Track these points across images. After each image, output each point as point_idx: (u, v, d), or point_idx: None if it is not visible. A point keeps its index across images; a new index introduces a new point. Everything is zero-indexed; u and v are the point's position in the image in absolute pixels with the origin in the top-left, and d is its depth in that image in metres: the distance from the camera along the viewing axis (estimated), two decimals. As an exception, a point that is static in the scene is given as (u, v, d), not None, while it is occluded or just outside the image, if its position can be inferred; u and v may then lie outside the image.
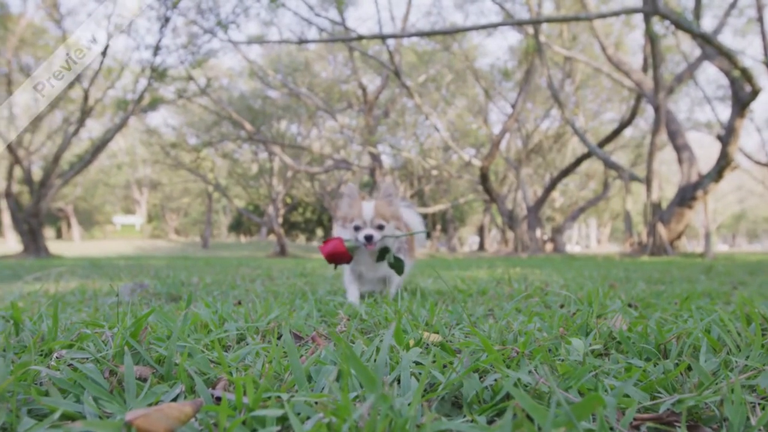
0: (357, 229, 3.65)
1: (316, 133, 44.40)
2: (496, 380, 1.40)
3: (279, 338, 2.13)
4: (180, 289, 4.82)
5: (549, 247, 37.85)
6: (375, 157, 35.76)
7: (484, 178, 30.81)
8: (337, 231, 3.78)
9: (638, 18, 26.45)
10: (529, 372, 1.48)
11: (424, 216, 50.61)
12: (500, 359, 1.52)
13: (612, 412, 1.14)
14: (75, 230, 60.31)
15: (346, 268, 4.01)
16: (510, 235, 40.80)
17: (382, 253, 3.71)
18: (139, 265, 11.86)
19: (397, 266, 3.62)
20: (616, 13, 21.48)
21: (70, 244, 50.92)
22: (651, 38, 20.62)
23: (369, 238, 3.56)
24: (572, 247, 63.83)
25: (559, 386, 1.40)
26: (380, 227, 3.65)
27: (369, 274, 3.93)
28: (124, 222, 66.00)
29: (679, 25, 18.28)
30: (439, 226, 56.98)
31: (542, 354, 1.64)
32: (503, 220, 38.82)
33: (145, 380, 1.47)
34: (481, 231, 54.65)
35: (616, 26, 32.15)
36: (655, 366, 1.64)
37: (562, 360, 1.67)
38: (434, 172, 42.41)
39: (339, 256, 3.56)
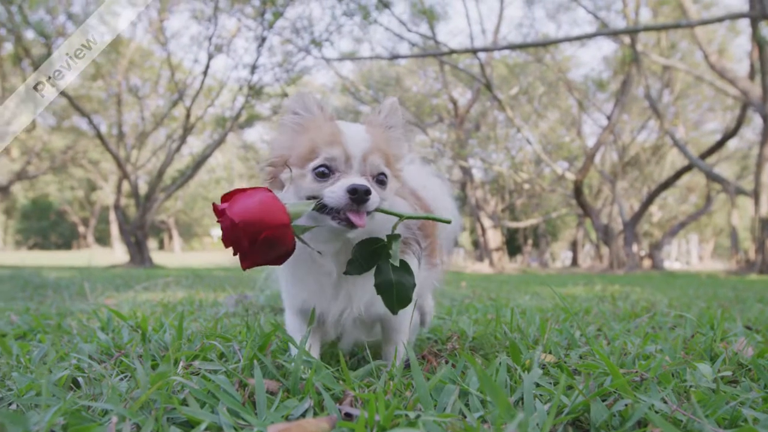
0: (324, 175, 1.64)
1: (407, 147, 44.62)
2: (626, 405, 1.36)
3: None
4: (280, 301, 4.95)
5: (646, 263, 36.38)
6: (466, 171, 35.62)
7: (577, 191, 30.04)
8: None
9: (744, 23, 25.19)
10: (662, 398, 1.43)
11: (515, 231, 49.81)
12: (626, 384, 1.48)
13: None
14: (176, 242, 63.19)
15: (284, 289, 1.97)
16: (604, 250, 39.40)
17: (369, 254, 1.64)
18: (237, 277, 12.25)
19: (399, 290, 1.60)
20: (720, 19, 20.52)
21: (171, 255, 53.29)
22: (759, 44, 19.58)
23: (362, 197, 1.54)
24: (671, 264, 60.99)
25: (695, 415, 1.34)
26: (381, 181, 1.71)
27: (329, 306, 1.80)
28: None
29: (791, 29, 17.30)
30: (530, 241, 55.92)
31: (674, 381, 1.58)
32: (597, 236, 37.64)
33: (273, 393, 1.52)
34: (574, 246, 53.26)
35: (720, 32, 30.71)
36: (795, 396, 1.54)
37: (691, 386, 1.60)
38: (526, 186, 41.71)
39: (265, 230, 1.52)
